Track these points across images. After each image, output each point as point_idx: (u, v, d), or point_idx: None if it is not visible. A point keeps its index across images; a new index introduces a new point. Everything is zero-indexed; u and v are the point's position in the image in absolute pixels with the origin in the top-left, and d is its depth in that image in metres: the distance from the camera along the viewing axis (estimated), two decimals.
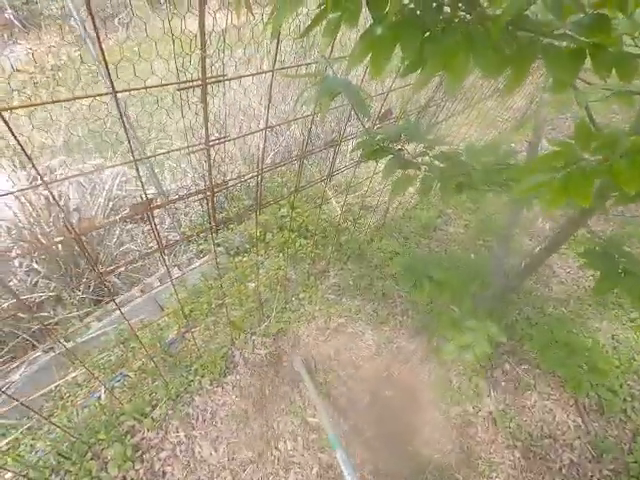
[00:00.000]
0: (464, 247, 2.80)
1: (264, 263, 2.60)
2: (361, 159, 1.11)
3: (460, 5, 0.61)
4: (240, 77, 1.01)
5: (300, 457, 1.72)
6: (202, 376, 1.95)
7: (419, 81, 0.62)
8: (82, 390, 1.97)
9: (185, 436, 1.76)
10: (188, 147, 1.00)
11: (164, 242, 2.51)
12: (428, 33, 0.62)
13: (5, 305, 1.83)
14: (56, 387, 1.95)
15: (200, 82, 0.88)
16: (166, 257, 2.36)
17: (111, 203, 2.35)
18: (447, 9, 0.63)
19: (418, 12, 0.62)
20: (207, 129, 1.00)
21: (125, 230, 2.65)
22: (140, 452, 1.67)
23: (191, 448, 1.72)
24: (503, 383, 2.03)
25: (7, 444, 1.71)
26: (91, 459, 1.63)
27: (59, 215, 1.96)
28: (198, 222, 2.55)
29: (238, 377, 1.99)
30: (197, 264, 2.44)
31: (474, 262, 2.30)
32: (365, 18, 0.69)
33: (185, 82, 0.87)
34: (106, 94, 0.84)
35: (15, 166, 2.54)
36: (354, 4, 0.61)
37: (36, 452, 1.72)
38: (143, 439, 1.73)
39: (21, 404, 1.31)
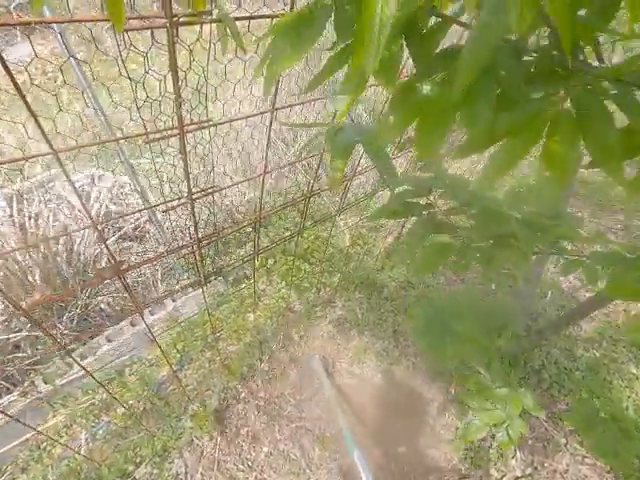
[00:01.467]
0: (484, 276, 2.57)
1: (265, 291, 2.40)
2: (376, 217, 0.90)
3: (556, 54, 0.39)
4: (230, 121, 0.81)
5: None
6: (192, 428, 1.75)
7: (489, 174, 0.40)
8: (61, 439, 1.78)
9: None
10: (166, 202, 0.79)
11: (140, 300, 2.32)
12: (505, 93, 0.40)
13: None
14: (33, 435, 1.76)
15: (177, 131, 0.67)
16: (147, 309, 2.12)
17: (105, 222, 2.15)
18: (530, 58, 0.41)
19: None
20: (189, 182, 0.80)
21: (120, 249, 2.46)
22: None
23: None
24: (530, 441, 1.80)
25: None
26: None
27: (39, 243, 1.77)
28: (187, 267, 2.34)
29: (233, 429, 1.78)
30: (192, 294, 2.24)
31: (498, 302, 2.07)
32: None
33: (157, 132, 0.66)
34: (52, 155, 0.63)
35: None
36: (390, 51, 0.40)
37: None
38: None
39: None
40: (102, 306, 2.22)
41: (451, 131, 0.46)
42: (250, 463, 1.69)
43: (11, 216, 1.73)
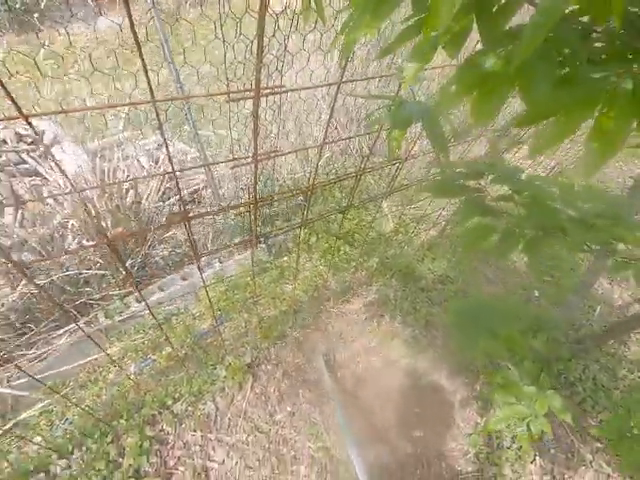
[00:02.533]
0: (527, 281, 2.48)
1: (304, 266, 2.50)
2: (429, 195, 0.93)
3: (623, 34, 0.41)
4: (302, 89, 0.87)
5: None
6: (225, 377, 1.91)
7: (538, 145, 0.43)
8: (114, 367, 2.02)
9: (201, 437, 1.74)
10: (234, 159, 0.89)
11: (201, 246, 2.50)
12: (567, 69, 0.43)
13: (55, 277, 1.91)
14: (91, 360, 2.02)
15: (253, 94, 0.75)
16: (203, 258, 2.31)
17: (163, 186, 2.35)
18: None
19: (554, 36, 0.43)
20: (256, 143, 0.88)
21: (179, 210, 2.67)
22: (157, 445, 1.68)
23: (205, 451, 1.70)
24: (553, 450, 1.76)
25: (42, 407, 1.80)
26: (110, 442, 1.66)
27: (114, 193, 1.98)
28: (237, 231, 2.48)
29: (261, 385, 1.92)
30: (237, 258, 2.39)
31: (539, 305, 2.01)
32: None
33: (236, 92, 0.74)
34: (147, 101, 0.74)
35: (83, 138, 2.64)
36: (460, 25, 0.44)
37: (65, 420, 1.79)
38: (161, 431, 1.73)
39: (49, 387, 1.33)
40: (157, 259, 2.44)
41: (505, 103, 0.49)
42: (274, 418, 1.82)
43: (93, 168, 1.96)
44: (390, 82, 2.60)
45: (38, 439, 1.69)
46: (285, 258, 2.52)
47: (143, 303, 2.17)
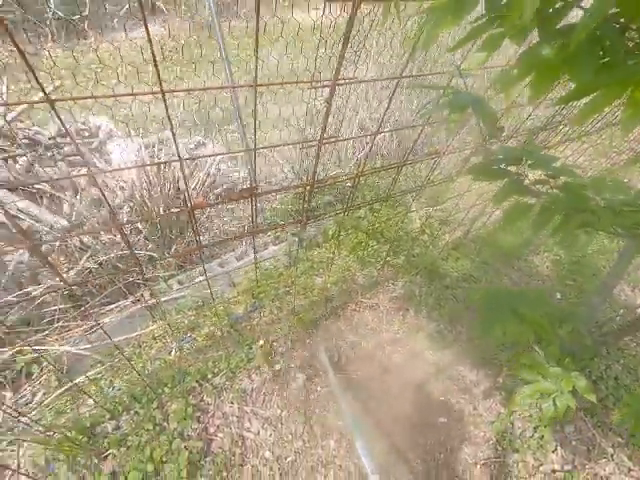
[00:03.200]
0: (549, 284, 2.55)
1: (333, 260, 2.63)
2: (470, 178, 1.05)
3: None
4: (373, 80, 1.02)
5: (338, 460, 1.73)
6: (260, 358, 2.04)
7: (585, 112, 0.56)
8: (157, 343, 2.17)
9: (238, 409, 1.86)
10: (303, 142, 1.03)
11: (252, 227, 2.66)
12: (607, 58, 0.56)
13: (111, 255, 2.09)
14: (137, 335, 2.18)
15: (331, 82, 0.90)
16: (247, 239, 2.50)
17: (208, 180, 2.54)
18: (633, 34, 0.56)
19: (598, 33, 0.57)
20: (325, 127, 1.03)
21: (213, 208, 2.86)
22: (198, 413, 1.81)
23: (242, 422, 1.82)
24: (574, 442, 1.82)
25: (94, 374, 1.96)
26: (156, 408, 1.80)
27: (167, 185, 2.17)
28: (280, 212, 2.65)
29: (294, 366, 2.04)
30: (272, 249, 2.54)
31: (562, 305, 2.08)
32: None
33: (317, 81, 0.90)
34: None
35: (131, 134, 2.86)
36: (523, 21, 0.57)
37: (113, 387, 1.94)
38: (202, 401, 1.87)
39: (115, 346, 1.49)
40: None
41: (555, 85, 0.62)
42: (305, 396, 1.93)
43: (152, 157, 2.16)
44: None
45: (90, 402, 1.85)
46: (315, 252, 2.66)
47: (184, 286, 2.34)
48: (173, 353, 2.11)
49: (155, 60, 0.67)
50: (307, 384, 1.99)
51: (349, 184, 2.51)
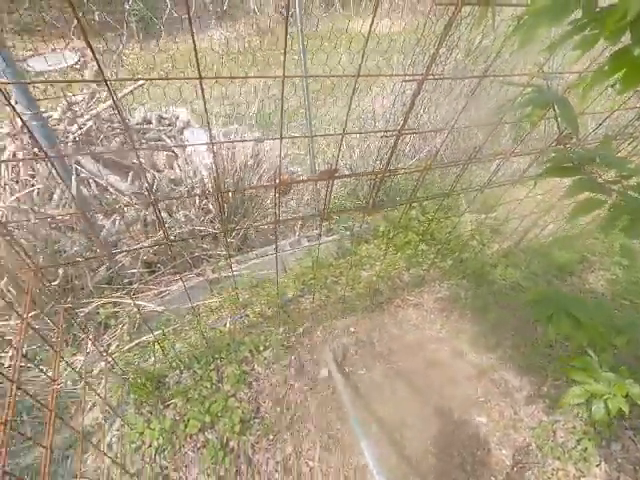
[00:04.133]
0: (601, 299, 2.48)
1: (381, 257, 2.72)
2: (543, 175, 1.12)
3: None
4: (456, 78, 1.12)
5: None
6: (307, 338, 2.17)
7: None
8: (213, 315, 2.36)
9: (283, 381, 2.00)
10: (385, 131, 1.15)
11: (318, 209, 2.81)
12: None
13: (183, 230, 2.31)
14: (197, 306, 2.39)
15: (421, 77, 1.01)
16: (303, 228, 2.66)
17: (271, 172, 2.72)
18: None
19: None
20: (407, 118, 1.14)
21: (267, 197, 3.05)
22: (250, 379, 1.96)
23: (288, 393, 1.95)
24: (620, 459, 1.78)
25: (160, 334, 2.17)
26: (213, 370, 1.98)
27: (235, 170, 2.37)
28: (337, 202, 2.77)
29: (341, 351, 2.15)
30: (323, 240, 2.67)
31: (618, 318, 2.04)
32: None
33: (410, 75, 1.01)
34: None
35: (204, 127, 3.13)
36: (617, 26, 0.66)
37: (174, 348, 2.15)
38: (253, 370, 2.02)
39: (190, 310, 1.67)
40: (253, 234, 2.81)
41: None
42: (348, 377, 2.03)
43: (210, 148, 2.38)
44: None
45: (156, 357, 2.06)
46: (364, 247, 2.76)
47: (242, 266, 2.52)
48: (228, 325, 2.29)
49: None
50: (351, 368, 2.09)
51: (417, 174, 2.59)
